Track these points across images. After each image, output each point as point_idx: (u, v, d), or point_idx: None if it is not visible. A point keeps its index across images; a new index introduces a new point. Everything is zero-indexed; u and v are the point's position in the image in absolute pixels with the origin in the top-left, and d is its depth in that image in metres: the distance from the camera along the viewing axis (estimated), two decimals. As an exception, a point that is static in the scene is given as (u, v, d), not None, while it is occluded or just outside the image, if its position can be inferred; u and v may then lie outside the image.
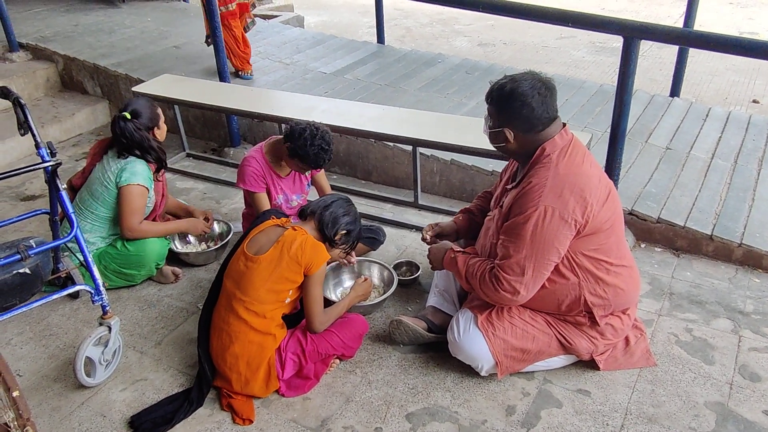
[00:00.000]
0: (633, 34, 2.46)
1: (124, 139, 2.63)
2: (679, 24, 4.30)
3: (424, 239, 2.47)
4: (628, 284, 2.13)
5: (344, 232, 2.23)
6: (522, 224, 1.93)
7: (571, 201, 1.90)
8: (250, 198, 2.79)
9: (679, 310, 2.58)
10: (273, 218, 2.26)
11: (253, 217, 2.73)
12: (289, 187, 2.85)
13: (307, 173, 2.90)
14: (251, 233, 2.22)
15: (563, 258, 2.01)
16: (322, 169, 2.93)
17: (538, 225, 1.91)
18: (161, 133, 2.80)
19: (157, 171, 2.80)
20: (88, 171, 2.79)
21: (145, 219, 2.76)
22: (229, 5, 4.32)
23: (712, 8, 7.90)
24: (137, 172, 2.64)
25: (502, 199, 2.15)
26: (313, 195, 2.99)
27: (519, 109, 1.94)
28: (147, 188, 2.66)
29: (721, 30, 6.99)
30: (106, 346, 2.22)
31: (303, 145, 2.57)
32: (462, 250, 2.22)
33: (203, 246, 3.08)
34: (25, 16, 5.61)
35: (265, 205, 2.74)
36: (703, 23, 6.86)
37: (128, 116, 2.64)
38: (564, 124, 2.03)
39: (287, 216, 2.34)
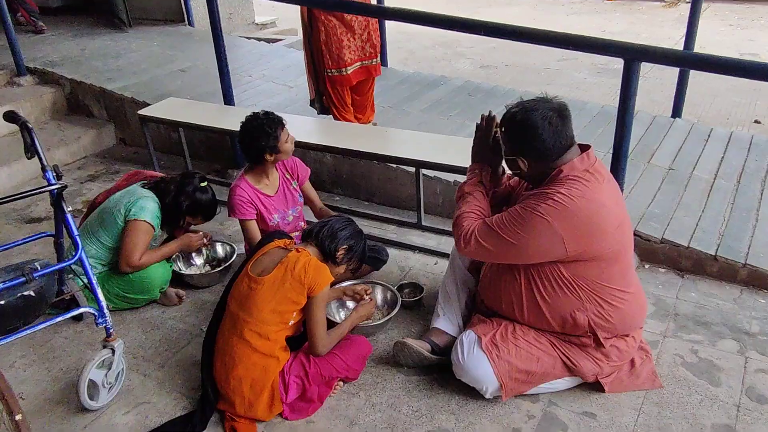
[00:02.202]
0: (633, 56, 2.48)
1: (177, 188, 2.72)
2: (680, 45, 4.33)
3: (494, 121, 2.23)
4: (634, 309, 2.13)
5: (345, 247, 2.24)
6: (519, 219, 1.97)
7: (567, 227, 1.92)
8: (241, 227, 2.83)
9: (685, 331, 2.57)
10: (276, 240, 2.27)
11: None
12: (281, 204, 2.89)
13: (294, 184, 2.94)
14: (255, 255, 2.23)
15: (566, 279, 2.02)
16: (308, 180, 2.98)
17: (529, 229, 1.95)
18: (191, 225, 2.89)
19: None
20: (112, 193, 2.82)
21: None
22: (343, 69, 3.82)
23: (713, 29, 7.96)
24: (147, 208, 2.66)
25: (518, 201, 2.15)
26: (307, 214, 3.01)
27: (531, 141, 1.95)
28: (153, 227, 2.68)
29: (721, 51, 7.03)
30: (109, 369, 2.22)
31: (254, 135, 2.67)
32: (481, 190, 2.21)
33: (207, 268, 3.08)
34: (34, 40, 5.69)
35: (255, 232, 2.78)
36: (704, 45, 6.91)
37: (205, 184, 2.79)
38: (587, 147, 2.03)
39: (290, 237, 2.35)
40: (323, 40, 3.74)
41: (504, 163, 2.21)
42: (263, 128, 2.67)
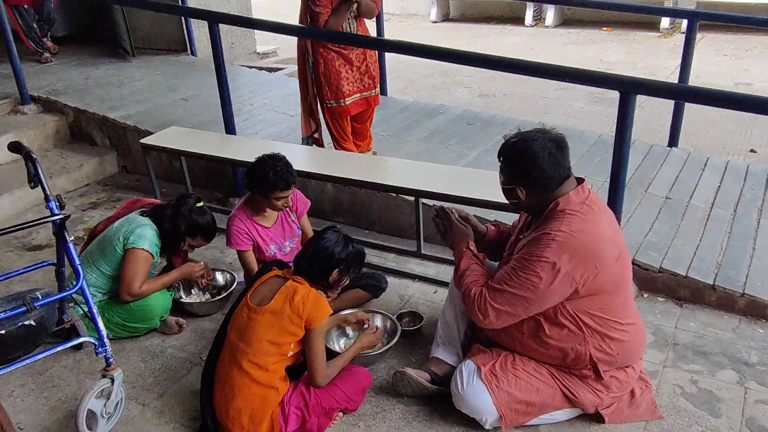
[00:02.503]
0: (629, 89, 2.53)
1: (174, 211, 2.74)
2: (676, 74, 4.40)
3: (445, 210, 2.38)
4: (634, 340, 2.14)
5: (336, 270, 2.22)
6: (523, 267, 1.97)
7: (574, 260, 1.93)
8: (238, 257, 2.86)
9: (684, 361, 2.57)
10: (275, 269, 2.28)
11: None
12: (278, 235, 2.91)
13: (293, 216, 2.96)
14: (254, 284, 2.24)
15: (567, 315, 2.02)
16: (305, 214, 3.00)
17: (536, 274, 1.94)
18: (193, 248, 2.90)
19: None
20: (112, 221, 2.84)
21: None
22: (341, 100, 3.83)
23: (708, 59, 8.08)
24: (145, 236, 2.68)
25: (515, 246, 2.17)
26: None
27: (529, 170, 1.98)
28: (152, 255, 2.70)
29: (717, 81, 7.14)
30: (108, 399, 2.21)
31: (260, 173, 2.67)
32: (474, 252, 2.24)
33: (207, 296, 3.09)
34: (38, 70, 5.77)
35: (251, 263, 2.82)
36: (699, 74, 7.01)
37: (201, 204, 2.80)
38: (582, 180, 2.06)
39: (289, 266, 2.36)
40: (322, 72, 3.80)
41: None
42: (278, 174, 2.69)
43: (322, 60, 3.78)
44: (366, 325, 2.57)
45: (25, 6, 5.83)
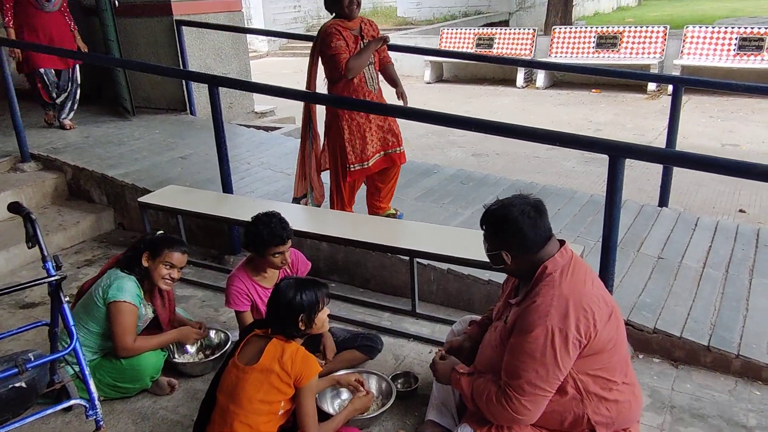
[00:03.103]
0: (618, 153, 2.60)
1: (136, 247, 2.73)
2: (664, 135, 4.51)
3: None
4: (632, 402, 2.13)
5: (302, 315, 2.18)
6: (529, 344, 1.95)
7: (576, 321, 1.93)
8: (236, 316, 2.85)
9: (682, 424, 2.55)
10: (256, 329, 2.26)
11: None
12: None
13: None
14: (240, 344, 2.23)
15: (568, 377, 2.01)
16: (306, 276, 2.99)
17: (546, 346, 1.93)
18: (153, 270, 2.77)
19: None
20: (97, 279, 2.84)
21: (151, 333, 2.79)
22: (365, 163, 3.79)
23: (694, 121, 8.29)
24: (124, 288, 2.67)
25: (505, 312, 2.18)
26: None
27: (512, 235, 2.03)
28: (134, 305, 2.68)
29: (704, 142, 7.31)
30: (97, 464, 2.17)
31: (255, 231, 2.69)
32: (466, 371, 2.21)
33: (200, 356, 3.06)
34: (41, 128, 5.86)
35: (248, 323, 2.79)
36: (687, 135, 7.19)
37: (161, 232, 2.81)
38: (563, 242, 2.10)
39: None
40: (347, 138, 3.76)
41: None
42: (272, 231, 2.71)
43: (346, 126, 3.75)
44: (363, 390, 2.54)
45: (43, 70, 5.50)
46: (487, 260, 2.23)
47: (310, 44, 3.99)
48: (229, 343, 3.03)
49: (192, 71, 6.08)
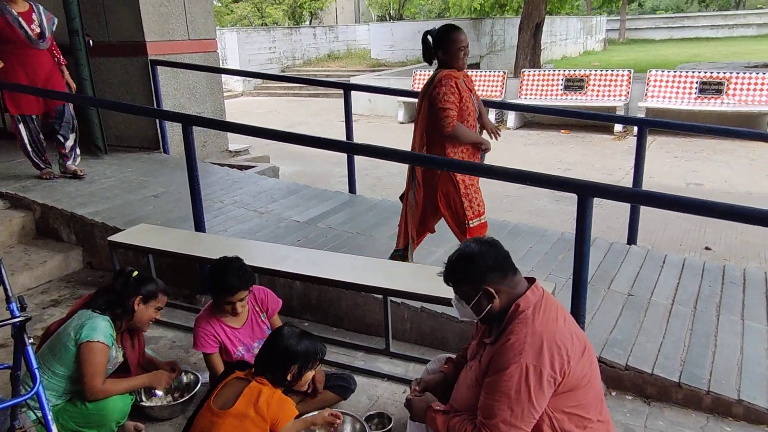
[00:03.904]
0: (586, 192, 2.66)
1: (114, 291, 2.67)
2: (630, 175, 4.63)
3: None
4: (607, 439, 2.13)
5: (296, 365, 2.18)
6: (504, 382, 1.94)
7: (550, 358, 1.93)
8: (204, 359, 2.81)
9: (655, 462, 2.55)
10: (237, 371, 2.24)
11: None
12: (246, 336, 2.87)
13: (263, 317, 2.93)
14: (217, 387, 2.20)
15: (544, 415, 2.00)
16: (276, 314, 2.98)
17: (521, 384, 1.92)
18: (143, 314, 2.75)
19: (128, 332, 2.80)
20: (66, 320, 2.77)
21: (119, 376, 2.72)
22: (482, 217, 3.60)
23: (660, 161, 8.54)
24: (98, 328, 2.60)
25: (479, 351, 2.17)
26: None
27: (483, 266, 2.04)
28: (108, 346, 2.63)
29: (670, 181, 7.52)
30: None
31: (214, 276, 2.69)
32: (442, 408, 2.20)
33: (169, 398, 2.98)
34: (9, 166, 5.77)
35: (217, 366, 2.76)
36: (653, 174, 7.38)
37: (135, 273, 2.74)
38: (534, 280, 2.12)
39: (251, 367, 2.32)
40: (462, 193, 3.55)
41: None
42: (226, 281, 2.70)
43: (461, 179, 3.52)
44: (336, 421, 2.50)
45: (32, 116, 5.24)
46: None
47: (285, 84, 4.04)
48: (199, 384, 2.97)
49: (165, 110, 6.09)
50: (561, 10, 25.53)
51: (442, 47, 3.43)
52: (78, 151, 5.57)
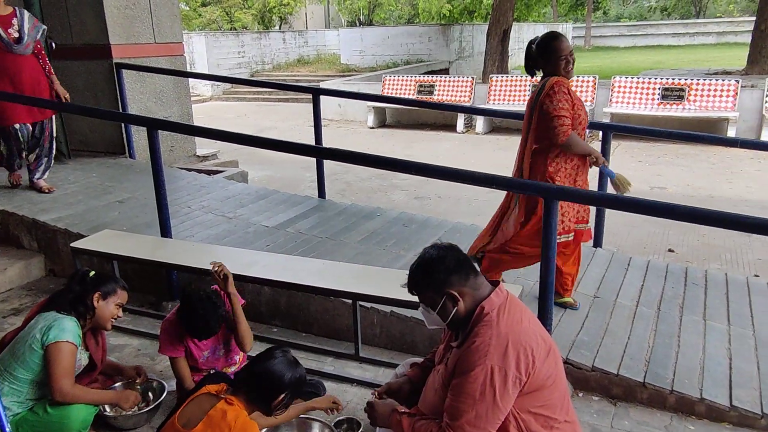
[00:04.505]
0: (551, 195, 2.70)
1: (73, 290, 2.61)
2: (596, 179, 4.70)
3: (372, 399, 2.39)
4: (573, 439, 2.15)
5: (283, 395, 2.16)
6: (469, 384, 1.95)
7: (515, 359, 1.95)
8: (170, 363, 2.77)
9: (621, 461, 2.59)
10: (208, 385, 2.18)
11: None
12: (213, 340, 2.82)
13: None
14: (186, 401, 2.15)
15: (510, 416, 2.02)
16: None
17: (486, 385, 1.93)
18: (104, 310, 2.69)
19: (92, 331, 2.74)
20: (23, 328, 2.69)
21: (84, 378, 2.66)
22: (570, 234, 3.40)
23: (624, 165, 8.69)
24: (66, 328, 2.55)
25: (446, 355, 2.18)
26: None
27: (443, 269, 2.05)
28: (76, 346, 2.58)
29: (634, 185, 7.64)
30: None
31: (184, 310, 2.62)
32: (407, 411, 2.20)
33: (134, 407, 2.92)
34: (-34, 171, 5.61)
35: (183, 370, 2.72)
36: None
37: (92, 273, 2.68)
38: (498, 283, 2.14)
39: (227, 379, 2.28)
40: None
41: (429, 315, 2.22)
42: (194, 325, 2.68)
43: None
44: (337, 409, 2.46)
45: (18, 126, 4.99)
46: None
47: (254, 89, 4.02)
48: (165, 392, 2.91)
49: (131, 114, 5.99)
50: (528, 17, 25.93)
51: (545, 56, 3.31)
52: (50, 165, 5.34)
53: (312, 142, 5.42)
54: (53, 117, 5.28)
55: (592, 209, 3.70)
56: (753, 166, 8.69)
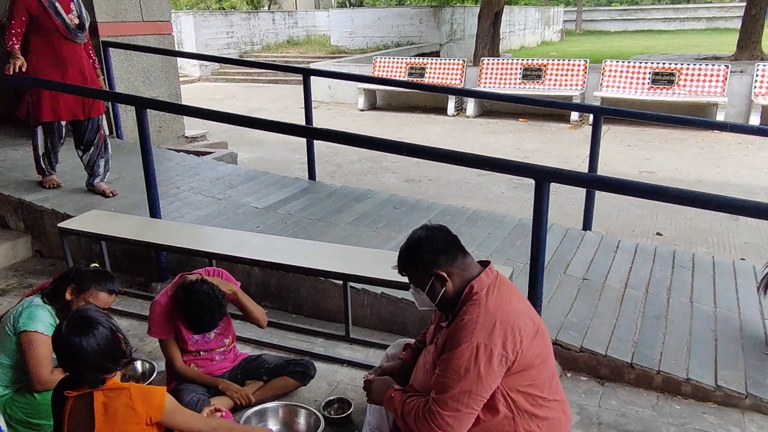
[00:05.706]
0: (543, 177, 2.70)
1: (66, 278, 2.56)
2: (587, 162, 4.73)
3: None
4: (562, 419, 2.17)
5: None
6: (456, 360, 1.96)
7: (502, 337, 1.96)
8: (159, 345, 2.75)
9: (608, 440, 2.62)
10: (66, 391, 1.97)
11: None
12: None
13: None
14: (63, 417, 1.96)
15: (499, 395, 2.03)
16: (238, 293, 2.86)
17: (471, 362, 1.94)
18: (77, 305, 2.52)
19: None
20: None
21: None
22: None
23: (614, 149, 8.74)
24: (36, 317, 2.48)
25: (436, 335, 2.19)
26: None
27: (431, 250, 2.06)
28: (48, 336, 2.48)
29: (623, 168, 7.71)
30: None
31: (187, 304, 2.58)
32: (402, 388, 2.21)
33: (124, 388, 2.91)
34: (-50, 150, 5.53)
35: (172, 352, 2.70)
36: (607, 162, 7.55)
37: (95, 264, 2.63)
38: (488, 263, 2.14)
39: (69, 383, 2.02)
40: None
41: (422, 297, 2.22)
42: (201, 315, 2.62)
43: None
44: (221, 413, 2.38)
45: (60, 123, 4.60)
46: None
47: (243, 70, 4.00)
48: (155, 373, 2.91)
49: (118, 92, 5.90)
50: (520, 1, 25.78)
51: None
52: (109, 166, 4.88)
53: (302, 123, 5.38)
54: (103, 115, 4.78)
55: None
56: (740, 151, 8.75)
